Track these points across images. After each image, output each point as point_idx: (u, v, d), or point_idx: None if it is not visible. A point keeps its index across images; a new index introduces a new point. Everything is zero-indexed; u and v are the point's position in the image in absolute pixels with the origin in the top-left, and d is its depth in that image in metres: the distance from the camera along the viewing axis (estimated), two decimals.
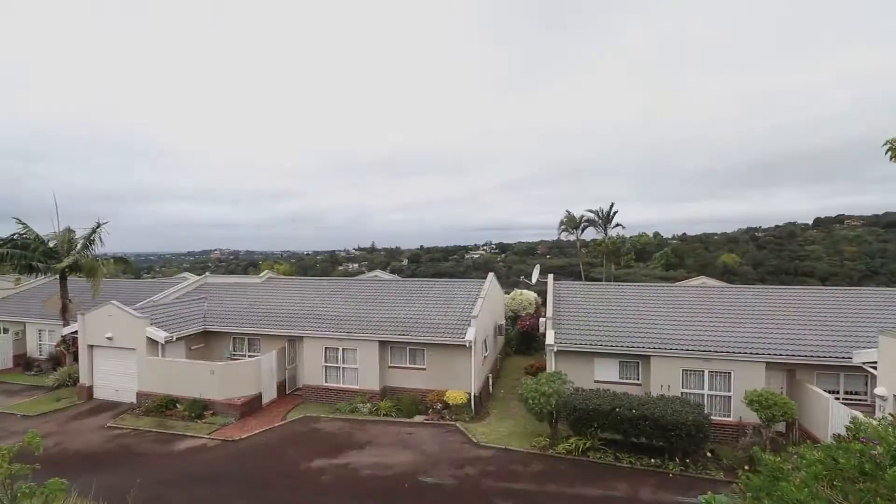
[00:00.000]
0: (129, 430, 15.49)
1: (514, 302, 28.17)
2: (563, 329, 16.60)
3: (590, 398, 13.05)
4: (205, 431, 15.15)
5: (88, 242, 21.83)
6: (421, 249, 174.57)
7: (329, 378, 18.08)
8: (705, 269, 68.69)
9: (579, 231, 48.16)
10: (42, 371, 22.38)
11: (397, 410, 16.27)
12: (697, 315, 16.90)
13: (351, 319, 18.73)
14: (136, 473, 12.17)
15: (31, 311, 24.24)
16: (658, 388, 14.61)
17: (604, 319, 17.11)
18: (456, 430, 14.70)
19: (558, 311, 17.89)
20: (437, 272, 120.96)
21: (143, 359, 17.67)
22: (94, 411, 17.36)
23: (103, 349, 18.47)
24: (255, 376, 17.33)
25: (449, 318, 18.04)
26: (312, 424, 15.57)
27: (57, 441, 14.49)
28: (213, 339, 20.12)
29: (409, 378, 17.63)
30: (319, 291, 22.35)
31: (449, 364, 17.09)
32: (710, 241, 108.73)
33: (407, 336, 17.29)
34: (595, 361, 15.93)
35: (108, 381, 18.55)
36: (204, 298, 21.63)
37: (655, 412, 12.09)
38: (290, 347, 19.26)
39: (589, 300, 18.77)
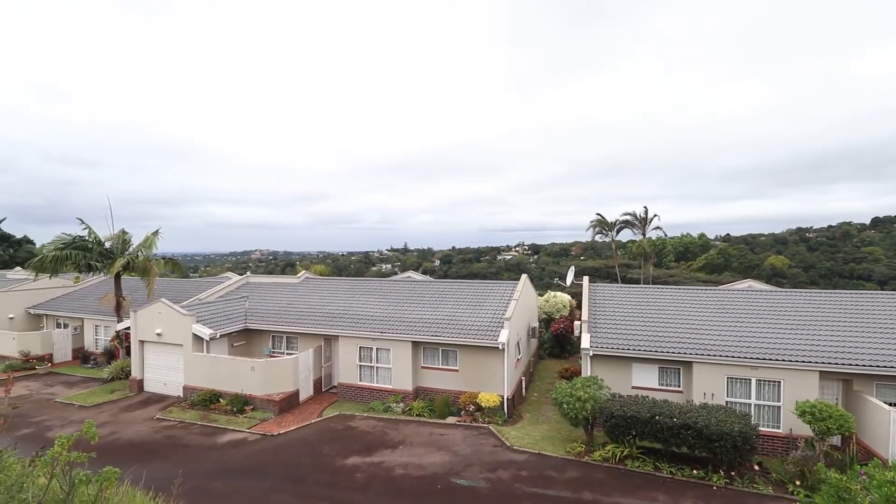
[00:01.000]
0: (175, 422, 16.26)
1: (548, 304, 27.73)
2: (599, 332, 16.19)
3: (628, 405, 12.65)
4: (245, 426, 15.70)
5: (145, 246, 23.06)
6: (453, 250, 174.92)
7: (363, 377, 18.36)
8: (752, 272, 65.49)
9: (614, 232, 46.85)
10: (98, 364, 23.82)
11: (430, 411, 16.33)
12: (744, 320, 16.10)
13: (384, 320, 18.96)
14: (181, 464, 12.77)
15: (89, 308, 25.85)
16: (700, 397, 14.01)
17: (643, 323, 16.58)
18: (489, 433, 14.60)
19: (594, 313, 17.47)
20: (470, 273, 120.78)
21: (189, 354, 18.51)
22: (144, 403, 18.32)
23: (153, 344, 19.48)
24: (293, 374, 17.82)
25: (481, 320, 17.95)
26: (347, 422, 15.84)
27: (110, 431, 15.38)
28: (253, 336, 20.84)
29: (441, 379, 17.67)
30: (354, 292, 22.76)
31: (481, 366, 17.00)
32: (757, 243, 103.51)
33: (439, 337, 17.33)
34: (633, 367, 15.45)
35: (157, 375, 19.56)
36: (245, 297, 22.44)
37: (699, 421, 11.59)
38: (325, 346, 19.70)
39: (627, 303, 18.23)
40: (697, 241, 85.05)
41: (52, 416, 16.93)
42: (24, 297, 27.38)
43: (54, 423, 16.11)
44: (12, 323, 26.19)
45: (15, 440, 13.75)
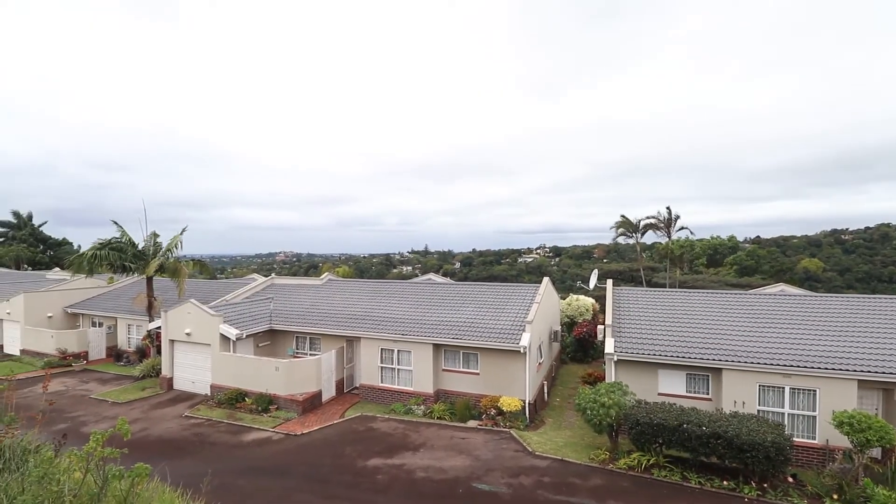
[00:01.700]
0: (203, 420, 16.67)
1: (570, 307, 27.36)
2: (623, 337, 15.86)
3: (654, 412, 12.34)
4: (269, 425, 15.98)
5: (173, 247, 23.85)
6: (473, 252, 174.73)
7: (385, 379, 18.46)
8: (784, 276, 63.17)
9: (639, 234, 45.86)
10: (130, 362, 24.67)
11: (451, 414, 16.29)
12: (777, 325, 15.52)
13: (406, 322, 19.04)
14: (208, 461, 13.07)
15: (122, 308, 26.80)
16: (731, 405, 13.56)
17: (669, 328, 16.16)
18: (510, 438, 14.46)
19: (618, 317, 17.13)
20: (490, 275, 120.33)
21: (216, 354, 18.97)
22: (174, 401, 18.86)
23: (182, 344, 20.05)
24: (316, 374, 18.05)
25: (503, 323, 17.83)
26: (369, 424, 15.95)
27: (141, 427, 15.87)
28: (278, 337, 21.22)
29: (462, 382, 17.61)
30: (376, 294, 22.94)
31: (503, 369, 16.88)
32: (789, 245, 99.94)
33: (460, 340, 17.28)
34: (659, 373, 15.07)
35: (185, 374, 20.11)
36: (270, 299, 22.89)
37: (729, 430, 11.21)
38: (348, 347, 19.90)
39: (652, 307, 17.82)
40: (726, 244, 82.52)
41: (86, 411, 17.59)
42: (62, 297, 28.58)
43: (89, 419, 16.73)
44: (51, 321, 27.35)
45: (52, 435, 14.34)
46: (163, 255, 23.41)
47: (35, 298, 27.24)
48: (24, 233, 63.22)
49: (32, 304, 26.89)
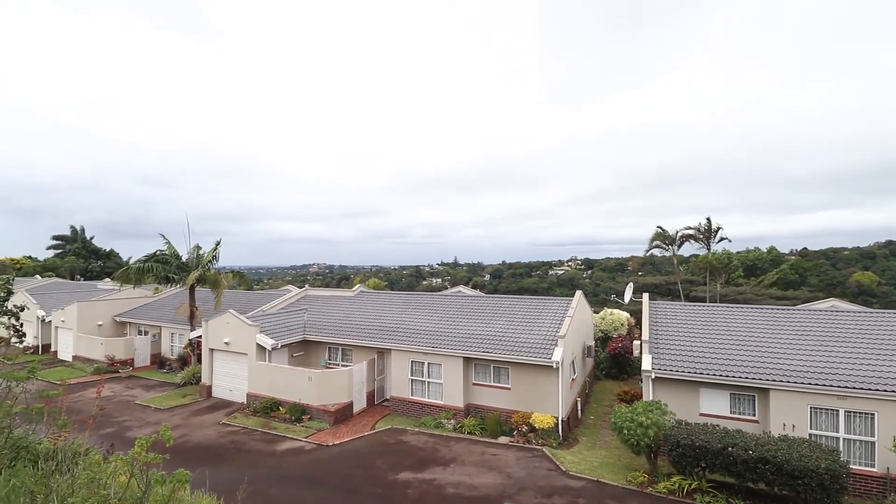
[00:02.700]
0: (239, 427, 17.09)
1: (604, 322, 26.65)
2: (661, 354, 15.29)
3: (696, 433, 11.77)
4: (302, 435, 16.21)
5: (212, 258, 24.85)
6: (503, 265, 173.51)
7: (415, 391, 18.44)
8: (833, 290, 59.55)
9: (676, 246, 44.34)
10: (172, 369, 25.67)
11: (481, 429, 16.06)
12: (828, 343, 14.60)
13: (436, 334, 19.02)
14: (243, 469, 13.35)
15: (166, 317, 28.02)
16: (780, 427, 12.78)
17: (711, 345, 15.47)
18: (543, 456, 14.10)
19: (656, 333, 16.55)
20: (520, 288, 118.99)
21: (252, 363, 19.49)
22: (212, 408, 19.44)
23: (221, 353, 20.72)
24: (348, 385, 18.24)
25: (534, 337, 17.54)
26: (399, 436, 15.92)
27: (182, 433, 16.42)
28: (311, 347, 21.62)
29: (493, 397, 17.37)
30: (406, 306, 23.07)
31: (535, 385, 16.56)
32: (839, 258, 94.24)
33: (491, 353, 17.10)
34: (701, 392, 14.39)
35: (224, 382, 20.73)
36: (304, 310, 23.40)
37: (778, 455, 10.55)
38: (378, 359, 20.03)
39: (692, 322, 17.12)
40: (767, 256, 78.62)
41: (131, 416, 18.36)
42: (111, 306, 30.17)
43: (133, 424, 17.45)
44: (101, 329, 28.88)
45: (100, 438, 14.99)
46: (202, 266, 24.38)
47: (87, 307, 28.85)
48: (77, 245, 67.41)
49: (84, 313, 28.48)
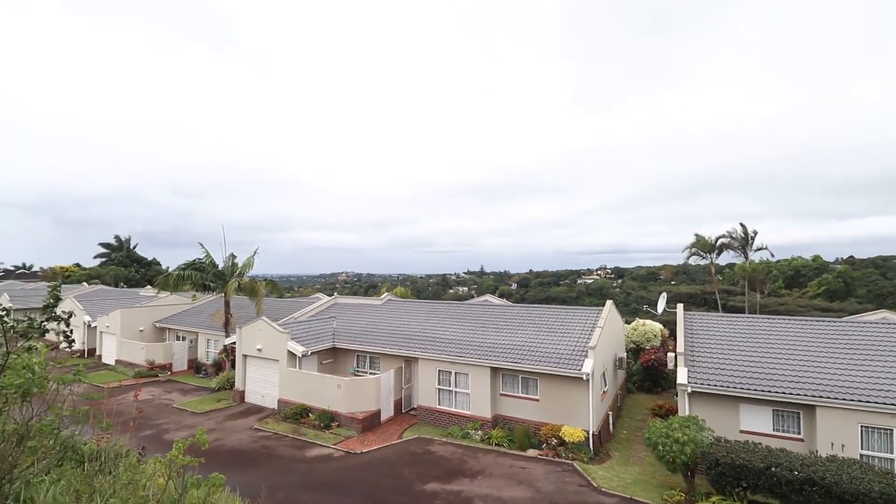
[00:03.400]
0: (270, 433, 17.41)
1: (636, 333, 25.89)
2: (698, 367, 14.71)
3: (736, 451, 11.22)
4: (331, 441, 16.36)
5: (247, 267, 25.64)
6: (530, 273, 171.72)
7: (442, 401, 18.35)
8: (884, 301, 55.98)
9: (713, 254, 42.68)
10: (207, 374, 26.47)
11: (509, 441, 15.81)
12: (880, 357, 13.71)
13: (463, 343, 18.93)
14: (274, 474, 13.57)
15: (202, 323, 29.01)
16: (827, 447, 12.05)
17: (751, 358, 14.78)
18: (573, 471, 13.73)
19: (692, 345, 15.95)
20: (548, 297, 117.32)
21: (284, 369, 19.88)
22: (245, 413, 19.90)
23: (254, 359, 21.24)
24: (376, 393, 18.34)
25: (563, 348, 17.20)
26: (426, 446, 15.85)
27: (216, 437, 16.85)
28: (340, 355, 21.90)
29: (521, 408, 17.09)
30: (433, 314, 23.09)
31: (564, 397, 16.20)
32: (889, 266, 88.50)
33: (519, 364, 16.86)
34: (741, 408, 13.75)
35: (256, 388, 21.22)
36: (333, 317, 23.75)
37: (826, 477, 9.92)
38: (406, 368, 20.08)
39: (731, 334, 16.42)
40: (811, 264, 74.70)
41: (169, 419, 19.00)
42: (151, 313, 31.48)
43: (170, 427, 18.05)
44: (142, 335, 30.14)
45: (140, 441, 15.56)
46: (238, 274, 25.16)
47: (129, 314, 30.20)
48: (122, 254, 70.87)
49: (127, 319, 29.82)
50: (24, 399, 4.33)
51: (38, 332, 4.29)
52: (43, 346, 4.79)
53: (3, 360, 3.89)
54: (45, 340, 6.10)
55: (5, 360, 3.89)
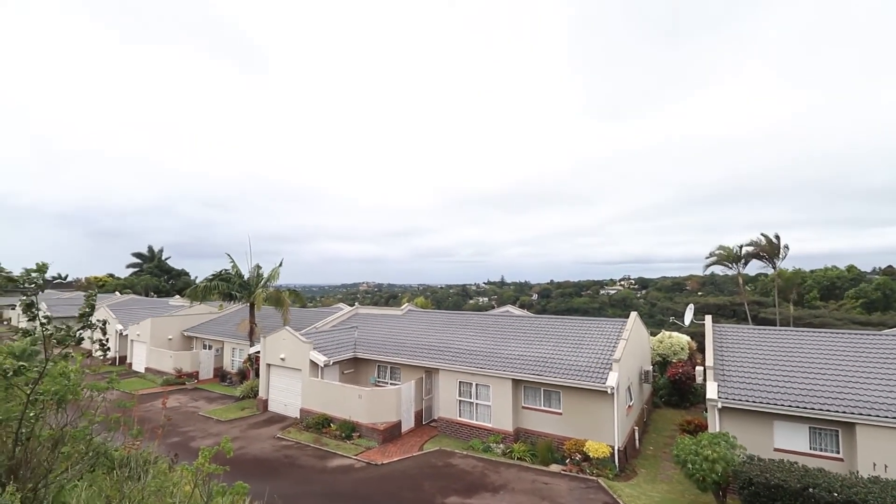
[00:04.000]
0: (293, 442, 17.54)
1: (662, 345, 25.21)
2: (728, 381, 14.20)
3: (770, 470, 10.72)
4: (352, 452, 16.38)
5: (273, 277, 26.17)
6: (551, 284, 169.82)
7: (462, 413, 18.18)
8: None
9: (741, 264, 41.33)
10: (232, 383, 26.95)
11: (532, 456, 15.51)
12: None
13: (484, 355, 18.77)
14: (296, 483, 13.65)
15: (228, 332, 29.62)
16: (869, 468, 11.41)
17: (786, 372, 14.19)
18: (598, 487, 13.36)
19: (721, 358, 15.42)
20: (570, 308, 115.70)
21: (306, 379, 20.08)
22: (268, 422, 20.14)
23: (277, 368, 21.54)
24: (396, 404, 18.31)
25: (586, 360, 16.87)
26: (447, 459, 15.70)
27: (240, 446, 17.08)
28: (361, 365, 22.00)
29: (543, 421, 16.78)
30: (454, 325, 23.00)
31: (588, 411, 15.84)
32: None
33: (541, 376, 16.59)
34: (774, 425, 13.18)
35: (279, 397, 21.47)
36: (355, 327, 23.93)
37: (869, 499, 9.38)
38: (426, 378, 20.01)
39: (763, 347, 15.82)
40: (846, 275, 71.48)
41: (195, 427, 19.37)
42: (180, 322, 32.35)
43: (196, 434, 18.39)
44: (171, 343, 30.96)
45: (167, 448, 15.87)
46: (263, 285, 25.68)
47: (159, 322, 31.12)
48: (153, 265, 73.29)
49: (157, 328, 30.72)
50: (60, 406, 4.49)
51: (75, 340, 4.45)
52: (78, 354, 4.97)
53: (41, 367, 4.04)
54: (79, 348, 6.33)
55: (44, 367, 4.04)
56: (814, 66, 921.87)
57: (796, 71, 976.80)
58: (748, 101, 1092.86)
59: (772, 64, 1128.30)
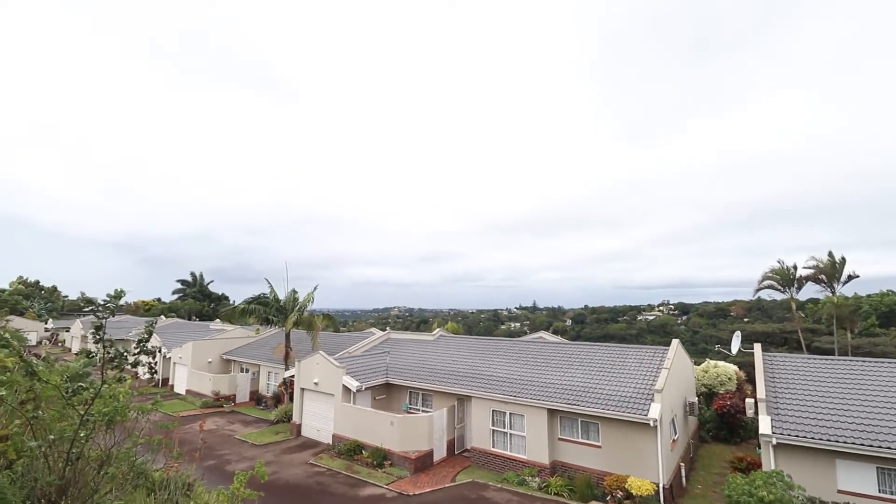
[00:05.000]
0: (324, 469, 17.46)
1: (707, 375, 23.86)
2: (783, 415, 13.23)
3: None
4: (383, 481, 16.11)
5: (308, 302, 26.73)
6: (585, 309, 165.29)
7: (496, 443, 17.66)
8: None
9: (794, 288, 38.82)
10: (267, 406, 27.31)
11: (570, 491, 14.79)
12: None
13: (518, 383, 18.30)
14: None
15: (264, 356, 30.23)
16: None
17: (849, 406, 13.11)
18: None
19: (774, 390, 14.44)
20: (606, 334, 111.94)
21: (338, 404, 20.11)
22: (301, 447, 20.17)
23: (311, 392, 21.70)
24: (428, 432, 18.00)
25: (626, 390, 16.15)
26: (481, 491, 15.19)
27: (273, 471, 17.13)
28: (392, 391, 21.87)
29: (582, 455, 16.05)
30: (486, 351, 22.64)
31: (629, 444, 15.06)
32: None
33: (578, 406, 15.97)
34: (837, 464, 12.11)
35: (312, 422, 21.55)
36: (387, 352, 23.95)
37: None
38: (458, 406, 19.64)
39: (821, 378, 14.72)
40: None
41: (230, 450, 19.63)
42: (219, 345, 33.32)
43: (232, 458, 18.61)
44: (210, 366, 31.84)
45: (204, 470, 16.10)
46: (298, 309, 26.23)
47: (200, 346, 32.14)
48: (195, 290, 76.46)
49: (198, 351, 31.71)
50: (109, 427, 4.66)
51: (132, 363, 4.65)
52: (128, 376, 5.17)
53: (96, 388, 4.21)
54: (128, 370, 6.59)
55: (98, 389, 4.20)
56: (850, 79, 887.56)
57: (830, 84, 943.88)
58: (785, 118, 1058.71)
59: (810, 79, 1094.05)
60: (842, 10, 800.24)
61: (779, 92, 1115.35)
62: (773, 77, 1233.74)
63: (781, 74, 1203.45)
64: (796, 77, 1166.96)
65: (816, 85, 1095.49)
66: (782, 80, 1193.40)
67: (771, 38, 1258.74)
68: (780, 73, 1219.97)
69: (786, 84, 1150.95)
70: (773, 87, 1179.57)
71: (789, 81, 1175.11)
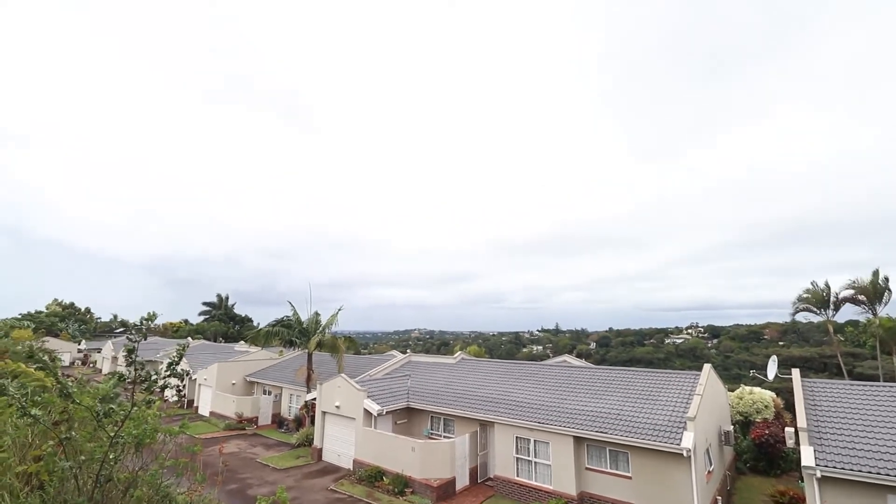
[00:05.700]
0: (345, 496, 17.17)
1: (743, 402, 22.75)
2: (827, 446, 12.43)
3: None
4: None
5: (330, 324, 26.88)
6: (610, 332, 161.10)
7: (520, 472, 17.10)
8: None
9: (831, 310, 36.96)
10: (289, 429, 27.24)
11: None
12: None
13: (542, 408, 17.81)
14: None
15: (286, 378, 30.33)
16: None
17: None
18: None
19: (815, 418, 13.62)
20: (632, 358, 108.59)
21: (359, 428, 19.90)
22: (322, 472, 19.95)
23: (332, 416, 21.58)
24: (451, 459, 17.58)
25: (656, 417, 15.50)
26: None
27: (294, 496, 16.94)
28: (414, 415, 21.56)
29: (611, 486, 15.37)
30: (509, 375, 22.19)
31: (661, 475, 14.36)
32: None
33: (605, 434, 15.38)
34: (889, 500, 11.23)
35: (333, 446, 21.35)
36: (408, 376, 23.74)
37: None
38: (481, 432, 19.18)
39: (868, 406, 13.83)
40: None
41: (252, 474, 19.55)
42: (244, 367, 33.65)
43: (253, 482, 18.51)
44: (234, 388, 32.11)
45: (225, 495, 16.05)
46: (321, 332, 26.39)
47: (225, 367, 32.52)
48: (221, 311, 77.97)
49: (223, 372, 32.05)
50: (137, 449, 4.70)
51: (161, 386, 4.71)
52: (157, 399, 5.24)
53: (126, 410, 4.27)
54: (157, 392, 6.68)
55: (129, 411, 4.26)
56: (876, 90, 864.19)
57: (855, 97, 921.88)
58: (810, 133, 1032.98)
59: (828, 92, 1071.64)
60: (861, 22, 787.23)
61: (803, 104, 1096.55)
62: (795, 91, 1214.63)
63: (803, 88, 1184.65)
64: (819, 92, 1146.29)
65: (841, 100, 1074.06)
66: (805, 94, 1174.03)
67: (793, 52, 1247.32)
68: (803, 87, 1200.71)
69: (809, 98, 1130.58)
70: (797, 100, 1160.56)
71: (811, 95, 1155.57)
